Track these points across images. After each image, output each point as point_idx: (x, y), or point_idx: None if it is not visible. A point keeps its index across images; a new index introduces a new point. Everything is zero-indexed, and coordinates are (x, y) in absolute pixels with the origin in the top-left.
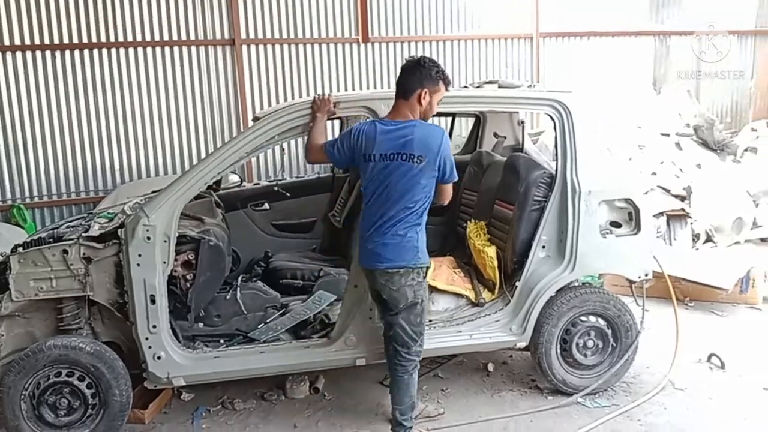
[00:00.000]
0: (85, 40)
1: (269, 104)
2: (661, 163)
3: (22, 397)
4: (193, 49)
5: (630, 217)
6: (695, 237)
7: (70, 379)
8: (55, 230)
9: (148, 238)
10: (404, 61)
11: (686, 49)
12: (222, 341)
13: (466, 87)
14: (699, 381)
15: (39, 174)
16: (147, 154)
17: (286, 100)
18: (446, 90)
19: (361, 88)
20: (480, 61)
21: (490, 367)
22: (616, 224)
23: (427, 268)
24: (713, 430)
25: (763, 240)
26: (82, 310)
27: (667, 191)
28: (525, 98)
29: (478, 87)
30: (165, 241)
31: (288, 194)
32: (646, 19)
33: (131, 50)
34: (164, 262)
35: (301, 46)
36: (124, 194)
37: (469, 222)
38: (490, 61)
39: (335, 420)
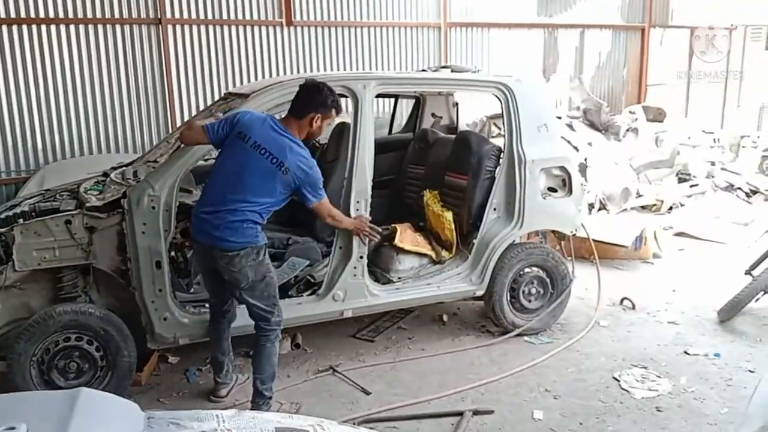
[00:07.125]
0: (2, 15)
1: (195, 85)
2: None
3: (32, 363)
4: (118, 27)
5: (564, 183)
6: (590, 205)
7: (79, 343)
8: (37, 205)
9: (153, 207)
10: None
11: (571, 41)
12: (207, 305)
13: (424, 71)
14: (617, 319)
15: None
16: (71, 133)
17: (212, 81)
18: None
19: (285, 72)
20: (395, 46)
21: (444, 317)
22: (552, 189)
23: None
24: (635, 354)
25: (643, 207)
26: (80, 279)
27: None
28: (477, 81)
29: (435, 71)
30: (167, 211)
31: None
32: (537, 13)
33: (53, 27)
34: (166, 230)
35: (226, 28)
36: (51, 174)
37: (425, 192)
38: (405, 47)
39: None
